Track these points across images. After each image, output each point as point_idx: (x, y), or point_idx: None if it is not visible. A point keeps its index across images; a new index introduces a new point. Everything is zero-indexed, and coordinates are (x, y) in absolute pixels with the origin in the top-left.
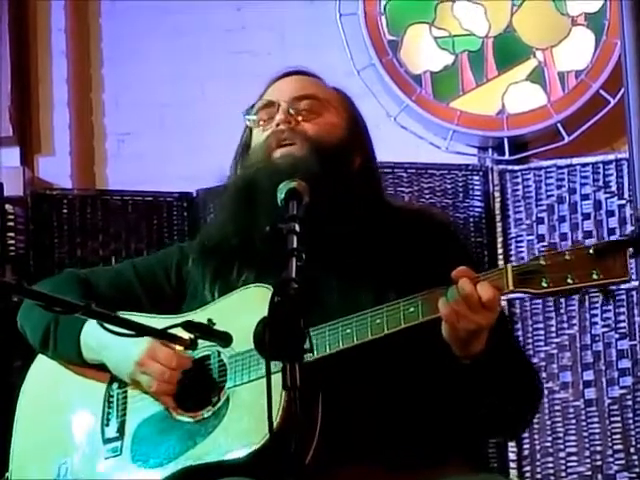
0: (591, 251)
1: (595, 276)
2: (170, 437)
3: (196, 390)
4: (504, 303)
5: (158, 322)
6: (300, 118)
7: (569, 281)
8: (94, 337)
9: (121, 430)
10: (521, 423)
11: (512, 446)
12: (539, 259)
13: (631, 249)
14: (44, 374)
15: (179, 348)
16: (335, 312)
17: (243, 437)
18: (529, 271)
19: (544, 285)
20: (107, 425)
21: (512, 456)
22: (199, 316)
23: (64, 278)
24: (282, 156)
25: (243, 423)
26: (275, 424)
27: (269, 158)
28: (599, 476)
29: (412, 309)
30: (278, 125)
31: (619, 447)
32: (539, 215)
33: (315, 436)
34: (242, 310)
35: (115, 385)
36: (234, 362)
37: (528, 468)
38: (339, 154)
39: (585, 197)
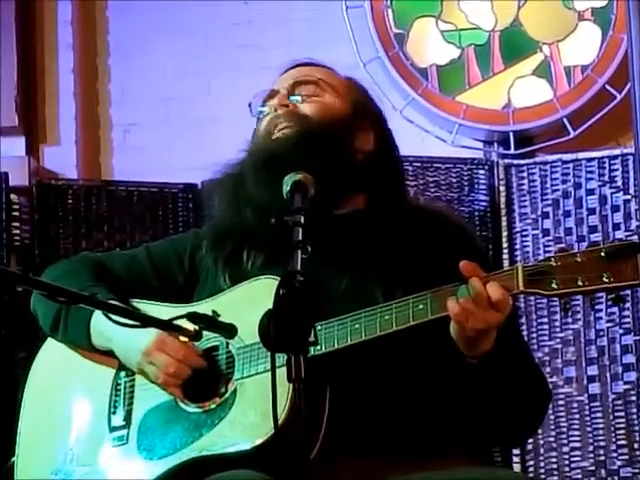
0: (602, 253)
1: (606, 279)
2: (176, 427)
3: (203, 381)
4: None
5: (166, 311)
6: (299, 100)
7: (579, 283)
8: (104, 324)
9: (128, 419)
10: (527, 425)
11: None
12: (550, 260)
13: None
14: (52, 360)
15: (183, 339)
16: (344, 305)
17: (249, 430)
18: (539, 272)
19: (554, 286)
20: (114, 413)
21: (515, 450)
22: (207, 307)
23: (78, 261)
24: (276, 139)
25: (249, 416)
26: (282, 418)
27: (265, 142)
28: (602, 471)
29: (421, 306)
30: (276, 110)
31: (623, 442)
32: (544, 209)
33: (321, 430)
34: (251, 302)
35: (123, 373)
36: (242, 354)
37: (531, 462)
38: (338, 133)
39: (590, 192)
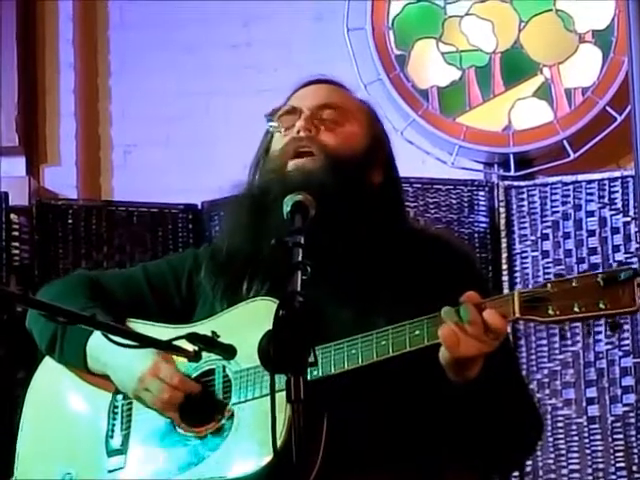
0: (599, 279)
1: (602, 305)
2: (174, 453)
3: (200, 405)
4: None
5: (165, 332)
6: (321, 127)
7: (576, 310)
8: (100, 350)
9: (125, 443)
10: (511, 458)
11: None
12: (546, 286)
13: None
14: (49, 381)
15: (183, 360)
16: (349, 334)
17: (247, 455)
18: (536, 298)
19: (550, 313)
20: (111, 437)
21: (515, 472)
22: (204, 328)
23: (74, 280)
24: (296, 168)
25: (247, 441)
26: (279, 443)
27: (284, 168)
28: None
29: (417, 332)
30: (298, 132)
31: (622, 465)
32: (544, 231)
33: (319, 455)
34: (248, 324)
35: (120, 396)
36: (239, 378)
37: None
38: (356, 168)
39: (590, 214)
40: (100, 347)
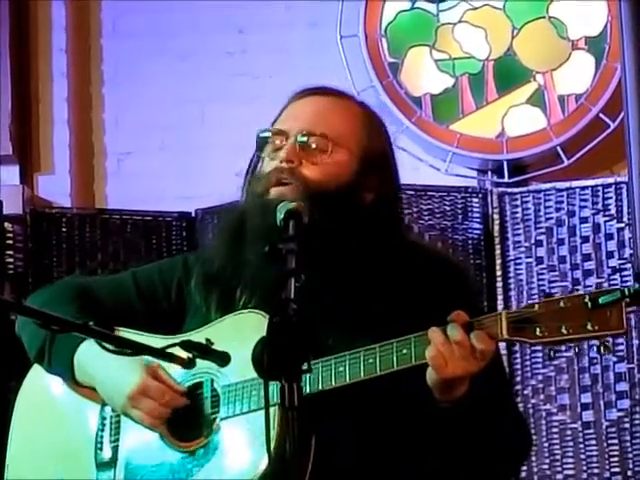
0: (587, 300)
1: (590, 327)
2: (163, 467)
3: (188, 420)
4: None
5: (155, 342)
6: (304, 159)
7: (563, 331)
8: (88, 362)
9: (114, 456)
10: (502, 474)
11: None
12: (534, 306)
13: (628, 300)
14: (39, 386)
15: (176, 367)
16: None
17: (235, 471)
18: (524, 319)
19: (538, 334)
20: (100, 449)
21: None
22: (194, 338)
23: (63, 288)
24: (277, 196)
25: (236, 456)
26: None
27: (266, 194)
28: None
29: (405, 351)
30: (281, 162)
31: (616, 470)
32: (538, 238)
33: (307, 473)
34: (236, 337)
35: (108, 408)
36: (227, 392)
37: None
38: (338, 198)
39: (584, 220)
40: (87, 360)
